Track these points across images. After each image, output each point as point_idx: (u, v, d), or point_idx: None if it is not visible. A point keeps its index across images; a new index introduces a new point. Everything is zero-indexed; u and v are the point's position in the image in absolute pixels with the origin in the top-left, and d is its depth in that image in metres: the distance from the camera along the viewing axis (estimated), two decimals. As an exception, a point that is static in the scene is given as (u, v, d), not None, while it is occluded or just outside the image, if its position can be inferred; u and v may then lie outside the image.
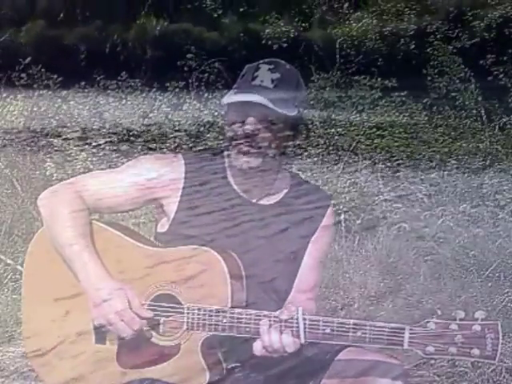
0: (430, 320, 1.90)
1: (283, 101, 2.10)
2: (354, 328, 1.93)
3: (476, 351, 1.87)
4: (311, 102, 8.22)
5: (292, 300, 2.13)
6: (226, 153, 2.18)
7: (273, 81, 2.12)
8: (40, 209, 2.18)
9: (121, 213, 2.35)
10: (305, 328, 1.95)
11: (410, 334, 1.90)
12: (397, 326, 1.91)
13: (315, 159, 6.12)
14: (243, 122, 2.10)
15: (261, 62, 2.17)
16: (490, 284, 4.39)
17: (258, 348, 1.99)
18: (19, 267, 4.16)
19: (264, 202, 2.20)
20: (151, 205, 2.27)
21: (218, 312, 2.00)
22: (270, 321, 1.97)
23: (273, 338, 1.96)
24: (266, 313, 1.99)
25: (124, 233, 2.17)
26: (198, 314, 2.02)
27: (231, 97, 2.12)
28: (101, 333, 2.09)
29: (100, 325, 2.06)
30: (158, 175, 2.16)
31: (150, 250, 2.12)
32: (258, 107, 2.07)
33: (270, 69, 2.14)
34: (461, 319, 1.88)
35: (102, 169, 4.81)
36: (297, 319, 1.95)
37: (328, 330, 1.94)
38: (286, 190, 2.22)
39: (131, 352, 2.08)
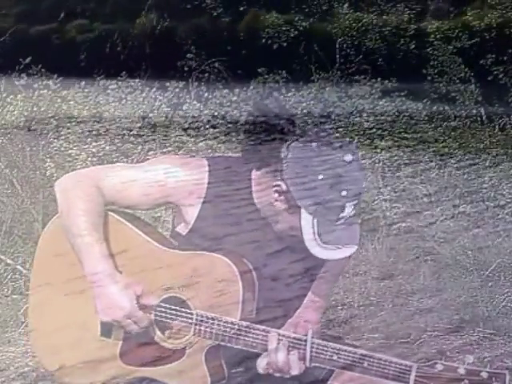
0: (438, 361, 1.89)
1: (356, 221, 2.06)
2: (360, 359, 1.92)
3: None
4: (311, 102, 8.22)
5: (300, 315, 2.11)
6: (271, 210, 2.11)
7: (351, 210, 2.02)
8: (56, 194, 2.14)
9: (137, 210, 2.31)
10: (311, 352, 1.94)
11: (417, 373, 1.89)
12: (404, 363, 1.90)
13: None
14: None
15: (344, 194, 1.99)
16: (490, 284, 4.39)
17: (261, 365, 1.98)
18: (19, 267, 4.16)
19: None
20: (170, 205, 2.24)
21: (227, 323, 1.99)
22: (278, 338, 1.96)
23: (279, 357, 1.95)
24: (275, 330, 1.99)
25: (140, 229, 2.15)
26: (206, 322, 2.01)
27: (324, 252, 2.01)
28: (107, 327, 2.09)
29: (106, 321, 2.06)
30: (181, 178, 2.11)
31: (165, 250, 2.10)
32: None
33: (353, 206, 2.02)
34: (469, 364, 1.87)
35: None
36: (305, 341, 1.94)
37: (335, 357, 1.93)
38: None
39: (135, 350, 2.08)
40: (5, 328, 3.71)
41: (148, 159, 2.50)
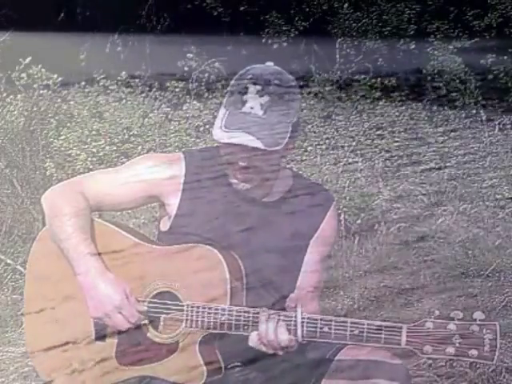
0: (427, 319, 1.90)
1: (274, 131, 2.08)
2: (351, 327, 1.94)
3: (474, 352, 1.86)
4: (311, 102, 8.21)
5: (294, 299, 2.13)
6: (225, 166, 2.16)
7: (262, 106, 2.07)
8: (43, 206, 2.22)
9: (122, 211, 2.37)
10: (302, 326, 1.95)
11: (408, 333, 1.90)
12: (394, 325, 1.92)
13: (315, 159, 6.12)
14: (237, 158, 2.08)
15: (248, 78, 2.12)
16: (490, 284, 4.39)
17: (253, 339, 1.99)
18: (19, 267, 4.17)
19: (265, 199, 2.20)
20: (153, 203, 2.28)
21: (217, 310, 2.01)
22: (268, 317, 1.98)
23: (269, 331, 1.96)
24: (264, 309, 2.00)
25: (125, 231, 2.18)
26: (197, 312, 2.03)
27: (222, 133, 2.08)
28: (100, 330, 2.10)
29: (97, 318, 2.07)
30: (159, 173, 2.18)
31: (150, 247, 2.14)
32: (250, 148, 2.05)
33: (258, 91, 2.08)
34: (459, 319, 1.88)
35: (102, 169, 4.82)
36: (295, 316, 1.96)
37: (326, 329, 1.95)
38: (287, 188, 2.21)
39: (130, 349, 2.09)
40: (5, 328, 3.71)
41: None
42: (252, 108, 2.07)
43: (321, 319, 1.95)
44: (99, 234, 2.16)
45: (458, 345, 1.86)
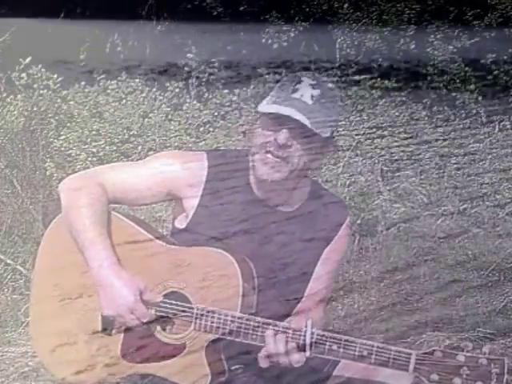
0: (436, 348, 1.91)
1: (319, 120, 2.09)
2: (360, 348, 1.94)
3: None
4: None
5: (302, 308, 2.14)
6: (250, 158, 2.16)
7: (313, 97, 2.10)
8: (60, 194, 2.19)
9: (139, 206, 2.35)
10: (311, 342, 1.95)
11: (417, 359, 1.90)
12: (404, 351, 1.92)
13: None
14: (276, 134, 2.08)
15: (303, 73, 2.16)
16: (490, 284, 4.40)
17: (263, 358, 1.99)
18: (19, 267, 4.17)
19: (282, 208, 2.20)
20: (171, 199, 2.28)
21: (227, 316, 2.01)
22: (277, 330, 1.98)
23: (278, 347, 1.96)
24: (275, 322, 2.00)
25: (141, 226, 2.18)
26: (207, 316, 2.03)
27: (269, 106, 2.09)
28: (108, 324, 2.10)
29: (108, 315, 2.07)
30: (181, 170, 2.17)
31: (165, 246, 2.14)
32: (294, 122, 2.05)
33: (311, 84, 2.12)
34: (468, 351, 1.89)
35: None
36: (305, 332, 1.96)
37: (334, 347, 1.95)
38: (305, 199, 2.22)
39: (136, 346, 2.09)
40: (5, 328, 3.71)
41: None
42: (302, 95, 2.09)
43: (331, 337, 1.95)
44: (114, 228, 2.14)
45: (465, 376, 1.87)
